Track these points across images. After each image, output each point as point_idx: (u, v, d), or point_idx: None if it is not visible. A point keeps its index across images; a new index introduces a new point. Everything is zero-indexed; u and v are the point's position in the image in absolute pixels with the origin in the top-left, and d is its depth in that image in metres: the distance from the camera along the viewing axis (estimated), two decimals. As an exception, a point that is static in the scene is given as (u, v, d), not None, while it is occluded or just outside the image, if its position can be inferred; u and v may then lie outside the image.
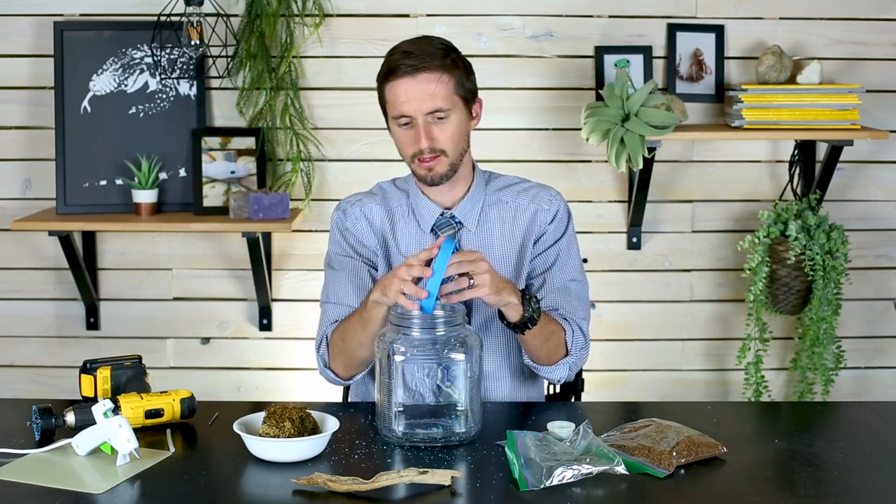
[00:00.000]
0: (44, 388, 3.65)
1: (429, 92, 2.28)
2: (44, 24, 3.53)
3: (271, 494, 1.87)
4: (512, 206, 2.44)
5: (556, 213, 2.45)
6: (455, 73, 2.32)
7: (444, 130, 2.31)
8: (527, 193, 2.46)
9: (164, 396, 2.18)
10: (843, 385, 3.63)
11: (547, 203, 2.45)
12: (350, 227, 2.46)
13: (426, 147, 2.30)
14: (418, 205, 2.42)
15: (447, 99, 2.30)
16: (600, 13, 3.56)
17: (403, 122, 2.32)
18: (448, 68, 2.31)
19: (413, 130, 2.31)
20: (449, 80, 2.31)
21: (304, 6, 3.48)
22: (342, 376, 2.39)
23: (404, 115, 2.30)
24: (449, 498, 1.83)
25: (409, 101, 2.29)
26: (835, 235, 3.38)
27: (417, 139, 2.30)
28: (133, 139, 3.51)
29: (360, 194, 2.52)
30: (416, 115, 2.29)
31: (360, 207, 2.47)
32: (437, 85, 2.29)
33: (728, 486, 1.91)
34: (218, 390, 3.66)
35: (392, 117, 2.34)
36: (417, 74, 2.28)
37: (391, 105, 2.33)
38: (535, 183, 2.51)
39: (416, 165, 2.34)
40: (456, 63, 2.34)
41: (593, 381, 3.61)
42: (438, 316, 2.09)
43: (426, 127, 2.30)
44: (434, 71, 2.29)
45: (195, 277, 3.65)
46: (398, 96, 2.30)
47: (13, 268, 3.65)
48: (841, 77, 3.57)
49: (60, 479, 1.91)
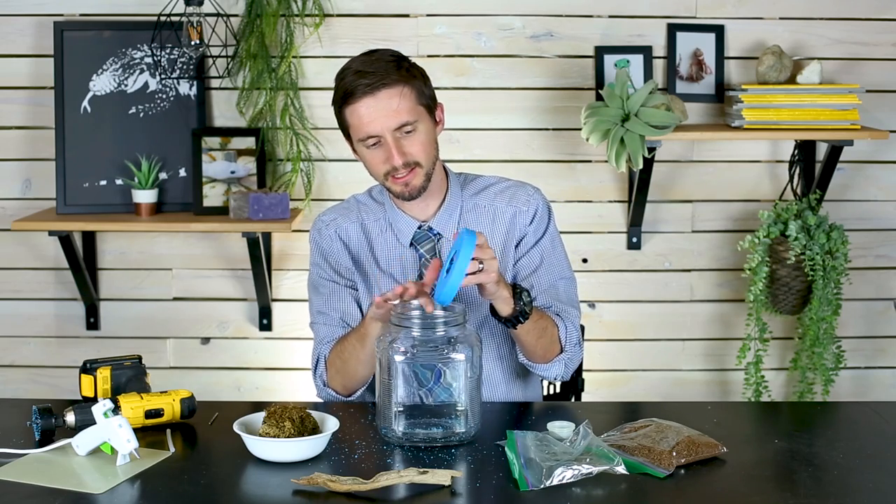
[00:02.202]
0: (44, 388, 3.65)
1: (392, 108, 2.23)
2: (44, 24, 3.53)
3: (271, 494, 1.87)
4: (490, 210, 2.40)
5: (534, 213, 2.40)
6: (414, 84, 2.27)
7: (414, 143, 2.27)
8: (503, 195, 2.42)
9: (164, 396, 2.18)
10: (843, 385, 3.63)
11: (524, 203, 2.40)
12: (326, 248, 2.43)
13: (400, 164, 2.26)
14: (395, 219, 2.39)
15: (411, 111, 2.26)
16: (600, 13, 3.56)
17: (371, 143, 2.27)
18: (406, 80, 2.26)
19: (382, 149, 2.26)
20: (410, 92, 2.26)
21: (304, 6, 3.48)
22: (342, 394, 2.38)
23: (371, 135, 2.25)
24: (449, 498, 1.83)
25: (375, 121, 2.24)
26: (835, 235, 3.38)
27: (389, 157, 2.26)
28: (133, 139, 3.52)
29: (335, 211, 2.47)
30: (384, 133, 2.24)
31: (336, 228, 2.43)
32: (399, 99, 2.24)
33: (728, 486, 1.91)
34: (218, 390, 3.66)
35: (358, 140, 2.28)
36: (377, 93, 2.23)
37: (355, 128, 2.27)
38: (512, 182, 2.46)
39: (390, 183, 2.30)
40: (412, 72, 2.28)
41: (593, 381, 3.61)
42: (438, 316, 2.09)
43: (396, 143, 2.25)
44: (393, 86, 2.24)
45: (195, 277, 3.65)
46: (361, 118, 2.25)
47: (13, 268, 3.65)
48: (841, 77, 3.57)
49: (60, 479, 1.91)
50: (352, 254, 2.42)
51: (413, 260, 2.38)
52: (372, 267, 2.41)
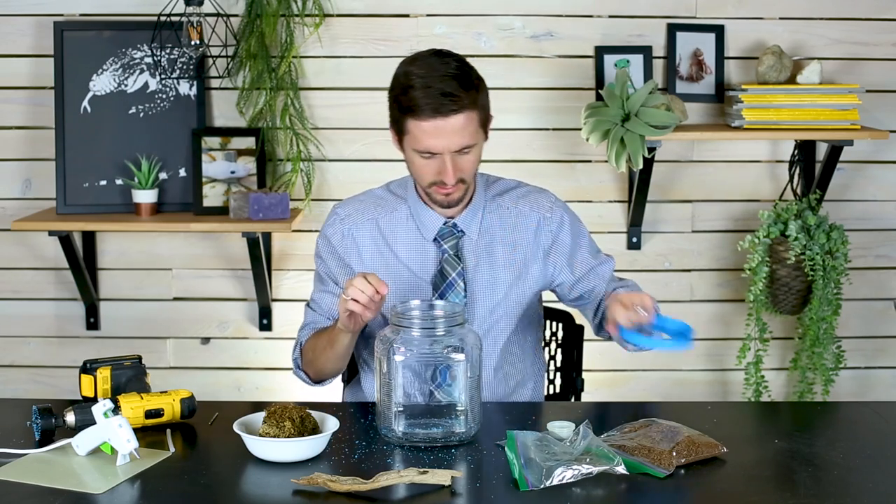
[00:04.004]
0: (44, 388, 3.65)
1: (457, 131, 2.23)
2: (44, 24, 3.53)
3: (271, 494, 1.87)
4: (513, 213, 2.43)
5: (560, 221, 2.45)
6: (479, 105, 2.27)
7: (467, 161, 2.29)
8: (526, 199, 2.45)
9: (164, 396, 2.18)
10: (843, 385, 3.63)
11: (548, 210, 2.44)
12: (335, 244, 2.44)
13: (453, 182, 2.27)
14: (420, 213, 2.40)
15: (474, 134, 2.27)
16: (600, 13, 3.56)
17: (427, 156, 2.27)
18: (474, 102, 2.25)
19: (436, 162, 2.26)
20: (476, 116, 2.26)
21: (304, 6, 3.48)
22: (313, 380, 2.44)
23: (431, 151, 2.25)
24: (449, 498, 1.83)
25: (440, 141, 2.23)
26: (835, 235, 3.38)
27: (442, 172, 2.26)
28: (133, 139, 3.51)
29: (352, 204, 2.47)
30: (444, 152, 2.25)
31: (350, 224, 2.43)
32: (466, 123, 2.24)
33: (728, 486, 1.91)
34: (218, 390, 3.66)
35: (414, 149, 2.27)
36: (448, 117, 2.22)
37: (415, 138, 2.25)
38: (531, 187, 2.50)
39: (433, 191, 2.31)
40: (478, 89, 2.28)
41: (593, 381, 3.61)
42: (438, 316, 2.10)
43: (453, 162, 2.25)
44: (463, 111, 2.23)
45: (195, 277, 3.65)
46: (425, 133, 2.23)
47: (13, 268, 3.65)
48: (841, 77, 3.57)
49: (60, 479, 1.91)
50: (363, 250, 2.42)
51: (435, 254, 2.39)
52: (390, 260, 2.41)
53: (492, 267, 2.40)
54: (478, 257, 2.39)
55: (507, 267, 2.41)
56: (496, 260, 2.40)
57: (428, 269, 2.39)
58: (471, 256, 2.39)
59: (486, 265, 2.40)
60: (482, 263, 2.40)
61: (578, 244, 2.46)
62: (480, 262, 2.39)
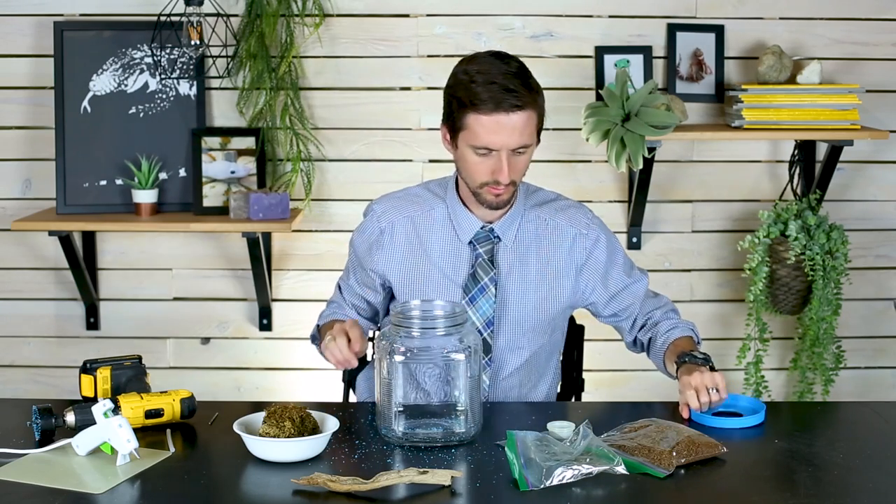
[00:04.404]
0: (44, 388, 3.65)
1: (518, 130, 2.23)
2: (44, 24, 3.53)
3: (271, 494, 1.88)
4: (551, 225, 2.42)
5: (596, 239, 2.43)
6: (538, 108, 2.28)
7: (521, 163, 2.29)
8: (564, 213, 2.44)
9: (164, 396, 2.18)
10: (843, 385, 3.63)
11: (585, 227, 2.43)
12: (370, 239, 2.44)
13: (507, 181, 2.26)
14: (459, 215, 2.39)
15: (532, 135, 2.27)
16: (600, 13, 3.56)
17: (483, 153, 2.26)
18: (535, 103, 2.26)
19: (491, 161, 2.26)
20: (535, 117, 2.26)
21: (304, 6, 3.48)
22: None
23: (490, 148, 2.25)
24: (449, 498, 1.83)
25: (499, 137, 2.23)
26: (835, 235, 3.38)
27: (497, 171, 2.25)
28: (133, 139, 3.52)
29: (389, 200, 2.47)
30: (502, 150, 2.24)
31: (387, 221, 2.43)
32: (526, 123, 2.24)
33: (728, 486, 1.91)
34: (218, 390, 3.66)
35: (471, 145, 2.26)
36: (511, 113, 2.22)
37: (473, 134, 2.24)
38: (571, 201, 2.49)
39: (485, 192, 2.30)
40: (538, 92, 2.28)
41: (593, 381, 3.61)
42: (438, 316, 2.10)
43: (510, 161, 2.25)
44: (526, 109, 2.23)
45: (195, 277, 3.65)
46: (486, 129, 2.23)
47: (13, 268, 3.65)
48: (841, 77, 3.57)
49: (60, 479, 1.91)
50: (397, 247, 2.42)
51: (468, 257, 2.39)
52: (422, 258, 2.41)
53: (524, 276, 2.39)
54: (511, 265, 2.38)
55: (539, 277, 2.40)
56: (529, 269, 2.39)
57: (460, 272, 2.39)
58: (504, 263, 2.38)
59: (519, 273, 2.39)
60: (515, 271, 2.39)
61: (613, 262, 2.45)
62: (513, 270, 2.39)
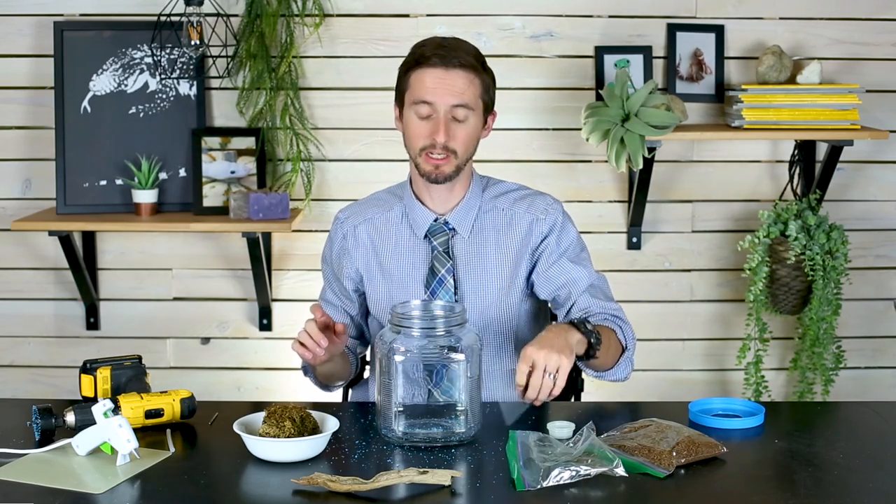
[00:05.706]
0: (44, 388, 3.65)
1: (458, 87, 2.29)
2: (44, 24, 3.53)
3: (271, 494, 1.88)
4: (508, 214, 2.42)
5: (552, 224, 2.41)
6: (483, 79, 2.34)
7: (461, 131, 2.31)
8: (523, 202, 2.44)
9: (164, 396, 2.18)
10: (843, 385, 3.63)
11: (543, 212, 2.42)
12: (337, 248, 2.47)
13: (441, 142, 2.28)
14: (413, 210, 2.41)
15: (473, 100, 2.31)
16: (600, 13, 3.56)
17: (424, 113, 2.29)
18: (479, 71, 2.33)
19: (430, 123, 2.29)
20: (478, 83, 2.32)
21: (304, 6, 3.48)
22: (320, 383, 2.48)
23: (427, 101, 2.28)
24: (449, 498, 1.83)
25: (437, 90, 2.28)
26: (835, 235, 3.38)
27: (435, 132, 2.28)
28: (133, 139, 3.51)
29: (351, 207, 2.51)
30: (440, 107, 2.28)
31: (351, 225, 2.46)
32: (467, 83, 2.30)
33: (728, 486, 1.91)
34: (218, 390, 3.66)
35: (412, 102, 2.30)
36: (450, 68, 2.29)
37: (414, 90, 2.30)
38: (533, 191, 2.49)
39: (422, 159, 2.32)
40: (485, 69, 2.36)
41: (593, 380, 3.59)
42: (438, 316, 2.10)
43: (447, 123, 2.29)
44: (467, 70, 2.30)
45: (195, 277, 3.65)
46: (425, 83, 2.28)
47: (13, 268, 3.65)
48: (841, 77, 3.57)
49: (60, 479, 1.91)
50: (360, 250, 2.44)
51: (425, 251, 2.40)
52: (384, 258, 2.43)
53: (483, 266, 2.39)
54: (469, 256, 2.39)
55: (498, 268, 2.40)
56: (487, 260, 2.40)
57: (420, 267, 2.40)
58: (461, 254, 2.39)
59: (477, 265, 2.39)
60: (473, 263, 2.39)
61: (559, 243, 2.42)
62: (471, 261, 2.39)
